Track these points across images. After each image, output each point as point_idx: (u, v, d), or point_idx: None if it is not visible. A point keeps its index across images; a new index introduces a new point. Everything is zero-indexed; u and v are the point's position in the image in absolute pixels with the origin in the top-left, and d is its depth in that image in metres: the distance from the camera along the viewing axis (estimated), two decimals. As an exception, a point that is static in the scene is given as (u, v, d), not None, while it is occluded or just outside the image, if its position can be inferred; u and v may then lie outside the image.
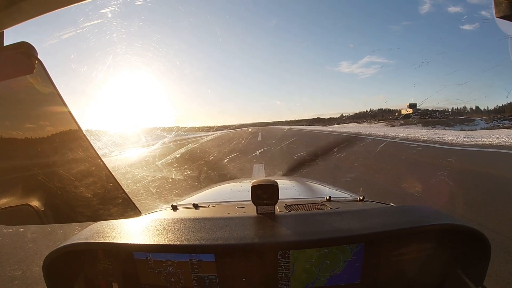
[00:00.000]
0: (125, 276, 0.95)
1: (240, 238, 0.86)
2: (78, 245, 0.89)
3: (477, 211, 3.72)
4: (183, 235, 0.88)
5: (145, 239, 0.87)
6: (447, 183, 5.13)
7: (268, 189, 1.00)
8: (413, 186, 4.85)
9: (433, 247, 0.97)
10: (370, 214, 1.02)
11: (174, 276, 0.91)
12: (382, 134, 20.49)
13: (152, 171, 7.50)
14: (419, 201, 4.31)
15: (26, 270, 2.70)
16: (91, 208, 0.73)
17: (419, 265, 0.96)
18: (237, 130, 40.07)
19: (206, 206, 1.33)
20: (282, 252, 0.89)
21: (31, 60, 0.52)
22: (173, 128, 25.81)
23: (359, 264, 0.92)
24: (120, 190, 0.70)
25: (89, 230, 0.96)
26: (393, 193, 4.74)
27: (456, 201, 4.10)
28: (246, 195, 1.09)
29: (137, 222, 0.98)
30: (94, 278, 0.97)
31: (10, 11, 0.53)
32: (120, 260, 0.94)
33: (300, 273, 0.91)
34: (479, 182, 5.17)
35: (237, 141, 17.17)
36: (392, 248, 0.95)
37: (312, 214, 1.05)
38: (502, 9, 0.57)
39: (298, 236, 0.88)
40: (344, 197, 1.53)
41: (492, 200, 4.15)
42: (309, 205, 1.25)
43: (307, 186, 2.07)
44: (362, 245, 0.91)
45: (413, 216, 1.00)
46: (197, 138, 22.79)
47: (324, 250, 0.90)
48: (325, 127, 44.17)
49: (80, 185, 0.68)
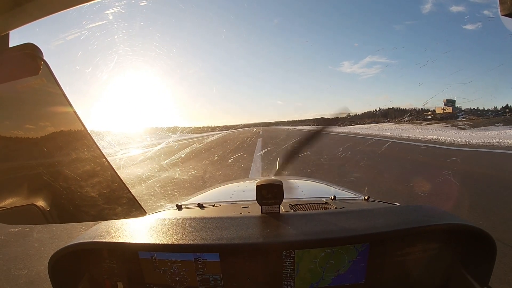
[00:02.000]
0: (130, 275, 0.95)
1: (245, 237, 0.86)
2: (83, 244, 0.90)
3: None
4: (188, 235, 0.88)
5: (150, 239, 0.88)
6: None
7: (273, 188, 0.99)
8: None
9: (438, 247, 0.96)
10: (375, 214, 1.01)
11: (179, 276, 0.92)
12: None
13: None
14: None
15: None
16: (96, 208, 0.73)
17: (423, 265, 0.96)
18: (242, 129, 38.47)
19: (211, 205, 1.33)
20: (287, 252, 0.89)
21: (36, 62, 0.53)
22: (177, 128, 25.89)
23: (364, 264, 0.92)
24: (125, 190, 0.70)
25: (94, 229, 0.97)
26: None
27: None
28: (251, 195, 1.09)
29: (142, 221, 0.99)
30: (99, 277, 0.98)
31: (15, 12, 0.53)
32: (125, 259, 0.95)
33: (304, 272, 0.91)
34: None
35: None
36: (397, 248, 0.94)
37: (317, 214, 1.05)
38: (507, 7, 0.56)
39: (303, 235, 0.88)
40: (349, 197, 1.52)
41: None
42: (314, 205, 1.25)
43: (312, 186, 2.06)
44: (367, 245, 0.91)
45: (418, 215, 0.99)
46: (201, 139, 21.90)
47: (329, 250, 0.89)
48: (341, 128, 33.62)
49: (85, 185, 0.68)
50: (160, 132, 16.39)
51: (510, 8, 0.56)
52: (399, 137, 17.69)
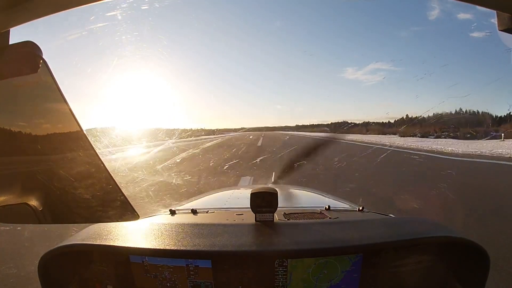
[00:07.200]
0: (121, 279, 0.94)
1: (238, 245, 0.85)
2: (74, 246, 0.88)
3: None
4: (180, 240, 0.87)
5: (142, 243, 0.87)
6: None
7: (267, 197, 0.99)
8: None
9: (432, 259, 0.96)
10: (369, 225, 1.01)
11: (170, 281, 0.90)
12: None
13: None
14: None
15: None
16: (89, 210, 0.72)
17: (417, 277, 0.95)
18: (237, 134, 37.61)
19: (204, 212, 1.32)
20: (279, 261, 0.88)
21: (35, 60, 0.53)
22: (176, 130, 25.76)
23: (357, 274, 0.91)
24: (119, 193, 0.70)
25: (86, 231, 0.96)
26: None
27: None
28: (245, 202, 1.08)
29: (135, 225, 0.98)
30: (90, 280, 0.96)
31: (16, 10, 0.53)
32: (116, 263, 0.93)
33: (297, 282, 0.90)
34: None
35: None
36: (390, 259, 0.94)
37: (311, 223, 1.04)
38: (504, 22, 0.58)
39: (296, 245, 0.87)
40: (344, 207, 1.52)
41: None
42: (308, 214, 1.24)
43: (307, 195, 2.06)
44: (361, 256, 0.90)
45: (412, 227, 0.99)
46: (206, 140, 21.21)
47: (322, 260, 0.89)
48: (367, 136, 22.21)
49: (79, 186, 0.68)
50: (159, 134, 16.27)
51: (508, 23, 0.57)
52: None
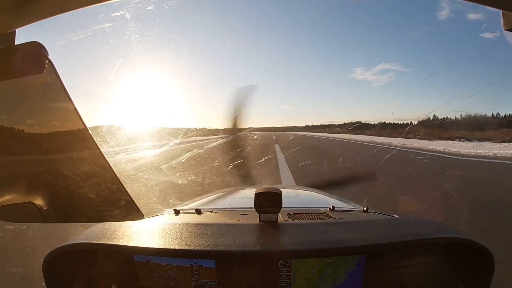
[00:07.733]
0: (125, 278, 0.94)
1: (242, 245, 0.85)
2: (79, 245, 0.89)
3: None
4: (184, 240, 0.87)
5: (146, 242, 0.87)
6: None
7: (272, 197, 0.99)
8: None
9: (436, 261, 0.96)
10: (373, 225, 1.01)
11: (174, 281, 0.90)
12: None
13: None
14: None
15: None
16: (94, 209, 0.73)
17: (421, 278, 0.95)
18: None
19: (208, 211, 1.32)
20: (283, 261, 0.88)
21: (41, 60, 0.53)
22: (186, 129, 25.73)
23: (361, 275, 0.91)
24: (124, 192, 0.70)
25: (90, 231, 0.96)
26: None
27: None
28: (249, 202, 1.08)
29: (139, 225, 0.98)
30: (94, 279, 0.97)
31: (21, 10, 0.54)
32: (121, 262, 0.94)
33: (301, 282, 0.90)
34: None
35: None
36: (394, 260, 0.93)
37: (315, 224, 1.04)
38: (510, 21, 0.57)
39: (300, 245, 0.87)
40: (348, 207, 1.51)
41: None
42: (312, 215, 1.24)
43: (311, 195, 2.05)
44: (365, 256, 0.90)
45: (416, 228, 0.99)
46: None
47: (326, 260, 0.88)
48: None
49: (84, 185, 0.68)
50: (165, 133, 16.23)
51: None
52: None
